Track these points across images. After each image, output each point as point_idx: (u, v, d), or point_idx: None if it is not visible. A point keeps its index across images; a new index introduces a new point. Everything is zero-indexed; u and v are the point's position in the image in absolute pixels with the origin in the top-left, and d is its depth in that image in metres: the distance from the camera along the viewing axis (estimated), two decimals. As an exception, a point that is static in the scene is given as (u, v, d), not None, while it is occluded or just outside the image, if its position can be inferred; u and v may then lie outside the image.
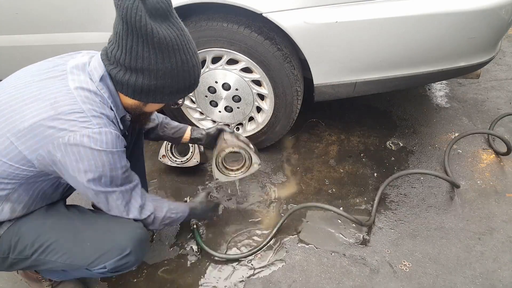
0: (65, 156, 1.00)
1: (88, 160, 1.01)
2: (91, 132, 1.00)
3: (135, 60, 0.99)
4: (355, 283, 1.51)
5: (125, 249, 1.18)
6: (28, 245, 1.16)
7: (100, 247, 1.18)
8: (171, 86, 1.06)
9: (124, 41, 0.97)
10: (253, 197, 1.93)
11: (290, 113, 1.94)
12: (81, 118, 1.00)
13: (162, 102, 1.12)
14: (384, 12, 1.55)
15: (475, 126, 2.31)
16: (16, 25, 1.86)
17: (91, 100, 1.03)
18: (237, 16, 1.70)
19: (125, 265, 1.21)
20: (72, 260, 1.18)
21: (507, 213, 1.76)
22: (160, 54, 0.98)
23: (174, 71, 1.03)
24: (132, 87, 1.05)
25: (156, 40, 0.96)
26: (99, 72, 1.06)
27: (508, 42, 3.29)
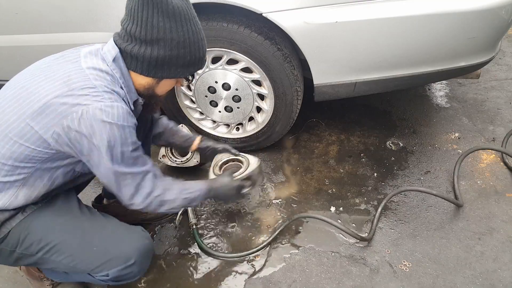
0: (79, 131, 1.02)
1: (100, 133, 1.03)
2: (103, 105, 1.02)
3: (150, 30, 1.03)
4: (355, 283, 1.51)
5: (130, 259, 1.19)
6: (35, 242, 1.17)
7: (105, 254, 1.18)
8: (184, 57, 1.10)
9: (140, 13, 1.02)
10: (254, 197, 1.93)
11: (290, 113, 1.94)
12: (93, 92, 1.03)
13: (174, 75, 1.14)
14: (384, 12, 1.55)
15: (475, 126, 2.31)
16: (16, 25, 1.86)
17: (103, 78, 1.07)
18: (237, 16, 1.70)
19: (127, 275, 1.21)
20: (76, 263, 1.18)
21: (507, 213, 1.76)
22: (173, 22, 1.04)
23: (187, 40, 1.08)
24: (147, 60, 1.08)
25: (170, 8, 1.02)
26: (112, 53, 1.10)
27: (508, 42, 3.29)
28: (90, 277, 1.25)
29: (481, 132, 2.26)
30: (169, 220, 1.82)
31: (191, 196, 1.28)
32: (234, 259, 1.63)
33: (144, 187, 1.16)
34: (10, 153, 1.06)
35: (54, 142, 1.05)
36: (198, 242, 1.68)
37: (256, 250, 1.64)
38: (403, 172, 2.02)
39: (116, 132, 1.04)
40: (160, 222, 1.81)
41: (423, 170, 2.02)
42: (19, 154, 1.06)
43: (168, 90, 1.25)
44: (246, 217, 1.82)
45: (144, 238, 1.25)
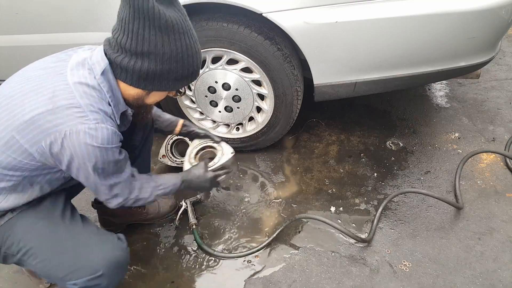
0: (62, 149, 1.02)
1: (82, 154, 1.03)
2: (87, 127, 1.01)
3: (141, 43, 0.99)
4: (355, 283, 1.51)
5: (98, 270, 1.15)
6: (15, 242, 1.16)
7: (74, 263, 1.16)
8: (176, 71, 1.07)
9: (131, 25, 0.98)
10: (253, 197, 1.93)
11: (290, 113, 1.94)
12: (78, 113, 1.01)
13: (165, 89, 1.12)
14: (384, 12, 1.55)
15: (475, 126, 2.31)
16: (16, 25, 1.86)
17: (89, 95, 1.04)
18: (237, 16, 1.70)
19: (96, 286, 1.17)
20: (48, 269, 1.17)
21: (507, 213, 1.76)
22: (166, 36, 0.99)
23: (179, 55, 1.04)
24: (137, 73, 1.05)
25: (163, 23, 0.97)
26: (101, 66, 1.06)
27: (508, 42, 3.29)
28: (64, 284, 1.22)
29: (481, 132, 2.26)
30: (169, 220, 1.82)
31: (165, 191, 1.35)
32: (234, 259, 1.63)
33: (122, 192, 1.21)
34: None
35: (39, 156, 1.05)
36: (198, 242, 1.68)
37: (256, 250, 1.64)
38: (403, 172, 2.02)
39: (99, 154, 1.05)
40: (160, 222, 1.81)
41: (423, 170, 2.02)
42: (7, 163, 1.06)
43: (158, 100, 1.23)
44: (246, 217, 1.82)
45: (116, 249, 1.21)
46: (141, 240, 1.74)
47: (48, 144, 1.01)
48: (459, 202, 1.78)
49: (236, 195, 1.94)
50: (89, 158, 1.04)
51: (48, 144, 1.01)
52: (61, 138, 1.00)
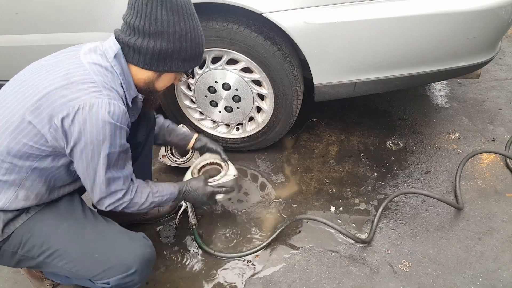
0: (72, 125, 1.02)
1: (91, 131, 1.03)
2: (100, 101, 1.03)
3: (154, 23, 1.05)
4: (355, 283, 1.51)
5: (131, 267, 1.17)
6: (37, 245, 1.16)
7: (106, 262, 1.17)
8: (185, 51, 1.13)
9: (144, 7, 1.04)
10: (253, 197, 1.93)
11: (290, 113, 1.94)
12: (92, 87, 1.04)
13: (175, 69, 1.16)
14: (384, 12, 1.55)
15: (475, 126, 2.31)
16: (16, 25, 1.86)
17: (103, 73, 1.08)
18: (237, 16, 1.70)
19: (128, 283, 1.20)
20: (77, 270, 1.18)
21: (507, 213, 1.76)
22: (177, 16, 1.07)
23: (188, 34, 1.11)
24: (150, 53, 1.10)
25: (174, 2, 1.05)
26: (114, 49, 1.11)
27: (508, 42, 3.29)
28: (91, 283, 1.24)
29: (481, 132, 2.26)
30: (169, 220, 1.82)
31: (161, 200, 1.33)
32: (234, 259, 1.63)
33: (117, 192, 1.18)
34: (9, 149, 1.06)
35: (51, 137, 1.04)
36: (198, 242, 1.68)
37: (256, 250, 1.64)
38: (403, 172, 2.02)
39: (108, 130, 1.05)
40: (160, 222, 1.81)
41: (423, 170, 2.02)
42: (17, 150, 1.06)
43: (168, 85, 1.26)
44: (246, 217, 1.82)
45: (146, 247, 1.25)
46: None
47: (60, 119, 1.02)
48: (459, 202, 1.78)
49: (236, 195, 1.94)
50: (97, 135, 1.04)
51: (60, 119, 1.02)
52: (74, 112, 1.01)
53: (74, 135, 1.03)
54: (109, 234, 1.24)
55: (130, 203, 1.23)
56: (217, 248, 1.68)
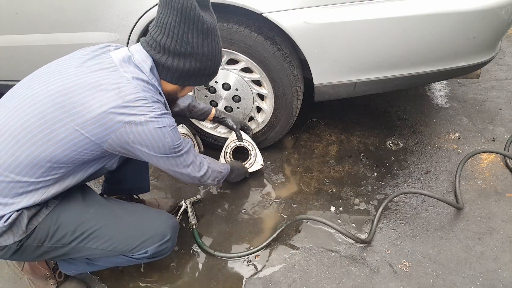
0: (137, 136, 1.12)
1: (158, 136, 1.14)
2: (155, 114, 1.12)
3: (185, 45, 1.12)
4: (355, 283, 1.51)
5: (166, 235, 1.31)
6: (68, 232, 1.21)
7: (143, 234, 1.28)
8: (210, 68, 1.22)
9: (176, 29, 1.10)
10: (253, 197, 1.93)
11: (290, 113, 1.94)
12: (146, 104, 1.11)
13: (199, 84, 1.27)
14: (384, 12, 1.55)
15: (475, 126, 2.31)
16: (16, 25, 1.86)
17: (148, 88, 1.15)
18: (237, 16, 1.70)
19: (164, 250, 1.33)
20: (115, 246, 1.26)
21: (507, 213, 1.76)
22: (205, 39, 1.14)
23: (213, 54, 1.19)
24: (179, 72, 1.18)
25: (205, 27, 1.12)
26: (149, 64, 1.16)
27: (508, 42, 3.29)
28: (124, 258, 1.32)
29: (481, 132, 2.26)
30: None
31: (225, 173, 1.63)
32: (234, 259, 1.63)
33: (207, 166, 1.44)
34: (51, 156, 1.09)
35: (108, 145, 1.12)
36: (198, 242, 1.68)
37: (256, 250, 1.64)
38: (403, 172, 2.02)
39: (167, 134, 1.16)
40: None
41: (423, 170, 2.02)
42: (63, 156, 1.10)
43: (188, 93, 1.39)
44: (246, 217, 1.82)
45: (171, 217, 1.39)
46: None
47: (123, 132, 1.09)
48: (459, 202, 1.78)
49: (236, 195, 1.94)
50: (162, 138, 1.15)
51: (122, 133, 1.09)
52: (136, 126, 1.09)
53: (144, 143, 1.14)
54: (138, 211, 1.36)
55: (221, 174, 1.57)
56: (217, 248, 1.68)
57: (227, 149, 1.97)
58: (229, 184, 1.99)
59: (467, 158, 1.99)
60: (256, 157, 1.96)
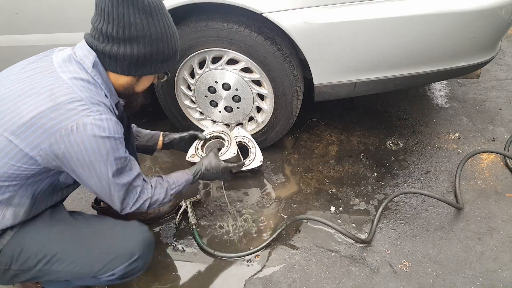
0: (69, 147, 1.00)
1: (92, 148, 1.01)
2: (92, 119, 1.00)
3: (128, 28, 1.02)
4: (355, 283, 1.51)
5: (134, 254, 1.18)
6: (32, 255, 1.14)
7: (108, 254, 1.17)
8: (163, 51, 1.10)
9: (115, 12, 1.00)
10: (253, 197, 1.93)
11: (290, 113, 1.94)
12: (81, 106, 1.00)
13: (154, 71, 1.14)
14: (384, 12, 1.55)
15: (475, 126, 2.31)
16: (16, 25, 1.86)
17: (87, 88, 1.04)
18: (237, 16, 1.70)
19: (133, 270, 1.21)
20: (80, 269, 1.17)
21: (507, 213, 1.76)
22: (150, 18, 1.03)
23: (164, 34, 1.07)
24: (128, 59, 1.06)
25: (146, 4, 1.01)
26: (91, 59, 1.06)
27: (508, 42, 3.29)
28: (95, 280, 1.23)
29: (481, 132, 2.26)
30: (169, 220, 1.82)
31: (179, 189, 1.37)
32: (234, 259, 1.63)
33: (137, 193, 1.20)
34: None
35: (41, 158, 1.02)
36: (198, 242, 1.68)
37: (256, 250, 1.64)
38: (403, 172, 2.02)
39: (108, 145, 1.04)
40: (160, 222, 1.81)
41: (423, 170, 2.02)
42: (4, 172, 1.02)
43: (147, 86, 1.24)
44: (246, 217, 1.82)
45: (143, 231, 1.25)
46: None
47: (54, 142, 0.98)
48: (459, 202, 1.78)
49: (236, 195, 1.94)
50: (100, 152, 1.03)
51: (53, 142, 0.98)
52: (67, 134, 0.98)
53: (76, 155, 1.01)
54: (104, 227, 1.23)
55: (152, 201, 1.25)
56: (217, 248, 1.68)
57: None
58: (229, 184, 1.99)
59: (467, 158, 1.99)
60: (256, 154, 1.95)
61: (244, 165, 1.79)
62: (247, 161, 1.94)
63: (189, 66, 1.89)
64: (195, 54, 1.82)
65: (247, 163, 1.94)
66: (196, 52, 1.80)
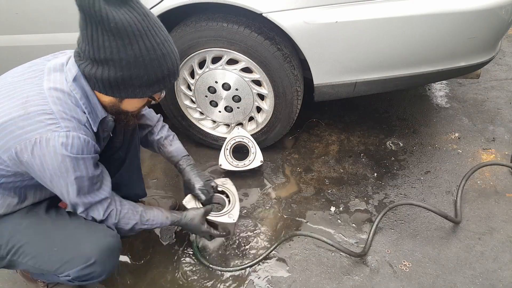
0: (31, 158, 1.00)
1: (52, 164, 1.01)
2: (57, 135, 0.98)
3: (97, 50, 0.94)
4: (355, 283, 1.51)
5: (90, 258, 1.14)
6: (3, 244, 1.16)
7: (65, 254, 1.15)
8: (140, 77, 1.00)
9: (85, 31, 0.93)
10: (253, 197, 1.93)
11: (290, 113, 1.94)
12: (49, 120, 0.98)
13: (136, 96, 1.05)
14: (384, 12, 1.55)
15: (475, 126, 2.31)
16: (16, 25, 1.86)
17: (63, 101, 1.02)
18: (237, 16, 1.70)
19: (89, 275, 1.17)
20: (40, 265, 1.17)
21: (507, 213, 1.76)
22: (120, 41, 0.92)
23: (139, 59, 0.96)
24: (101, 81, 1.00)
25: (113, 26, 0.90)
26: (73, 72, 1.04)
27: (508, 42, 3.29)
28: (58, 278, 1.22)
29: (481, 132, 2.26)
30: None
31: (149, 227, 1.32)
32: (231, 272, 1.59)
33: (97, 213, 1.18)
34: None
35: (12, 163, 1.03)
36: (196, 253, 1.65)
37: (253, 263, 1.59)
38: (403, 172, 2.02)
39: (69, 164, 1.02)
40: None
41: (423, 170, 2.02)
42: None
43: (139, 107, 1.17)
44: (246, 218, 1.82)
45: (106, 236, 1.19)
46: (141, 240, 1.74)
47: (18, 151, 0.99)
48: (457, 216, 1.70)
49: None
50: (60, 169, 1.02)
51: (18, 150, 0.99)
52: (31, 146, 0.98)
53: (37, 167, 1.01)
54: (69, 228, 1.21)
55: (117, 228, 1.24)
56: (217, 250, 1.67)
57: (227, 147, 1.97)
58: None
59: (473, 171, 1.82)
60: (256, 154, 1.96)
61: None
62: (247, 161, 1.95)
63: (189, 66, 1.89)
64: (195, 54, 1.82)
65: (247, 163, 1.95)
66: (196, 52, 1.80)
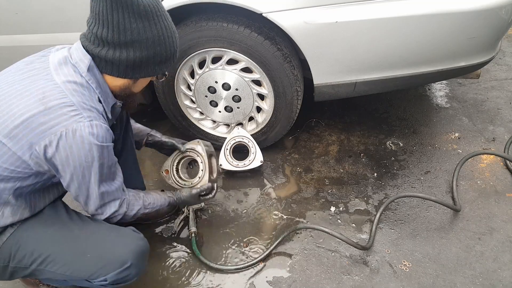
0: (56, 152, 1.00)
1: (79, 155, 1.02)
2: (82, 125, 1.00)
3: (123, 33, 1.00)
4: (355, 283, 1.51)
5: (126, 261, 1.17)
6: (27, 254, 1.15)
7: (100, 260, 1.17)
8: (160, 54, 1.09)
9: (110, 17, 0.98)
10: (253, 197, 1.93)
11: (290, 113, 1.94)
12: (72, 111, 1.00)
13: (152, 74, 1.13)
14: (384, 12, 1.55)
15: (475, 126, 2.31)
16: (16, 25, 1.86)
17: (80, 92, 1.03)
18: (237, 16, 1.70)
19: (126, 277, 1.20)
20: (72, 272, 1.17)
21: (507, 213, 1.76)
22: (146, 22, 1.01)
23: (161, 37, 1.06)
24: (124, 64, 1.05)
25: (141, 9, 0.99)
26: (86, 62, 1.06)
27: (508, 42, 3.29)
28: (88, 283, 1.23)
29: (481, 132, 2.26)
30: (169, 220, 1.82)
31: (151, 211, 1.36)
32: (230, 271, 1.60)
33: (111, 204, 1.21)
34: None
35: (33, 162, 1.02)
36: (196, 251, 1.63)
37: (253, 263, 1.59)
38: (403, 172, 2.02)
39: (95, 152, 1.04)
40: (160, 222, 1.81)
41: (423, 170, 2.02)
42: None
43: (143, 87, 1.24)
44: (246, 218, 1.82)
45: (137, 239, 1.24)
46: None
47: (43, 147, 0.99)
48: (456, 204, 1.75)
49: (236, 196, 1.94)
50: (86, 158, 1.03)
51: (42, 148, 0.99)
52: (56, 139, 0.98)
53: (62, 160, 1.01)
54: (99, 233, 1.22)
55: (124, 216, 1.26)
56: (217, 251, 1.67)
57: (227, 147, 1.97)
58: (230, 184, 1.99)
59: (465, 160, 1.97)
60: (256, 154, 1.96)
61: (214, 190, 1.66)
62: (247, 161, 1.95)
63: (189, 66, 1.89)
64: (195, 54, 1.82)
65: (247, 163, 1.95)
66: (196, 52, 1.80)
